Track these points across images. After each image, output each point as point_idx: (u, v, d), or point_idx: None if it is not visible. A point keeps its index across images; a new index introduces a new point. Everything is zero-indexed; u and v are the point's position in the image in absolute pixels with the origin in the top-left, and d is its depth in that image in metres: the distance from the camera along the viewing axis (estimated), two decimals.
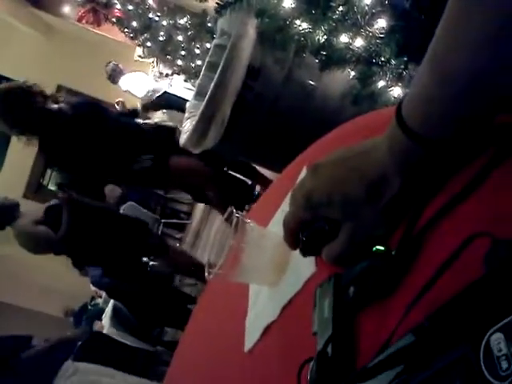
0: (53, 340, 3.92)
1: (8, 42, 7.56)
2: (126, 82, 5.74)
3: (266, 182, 2.89)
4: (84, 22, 6.88)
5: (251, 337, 0.67)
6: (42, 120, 2.71)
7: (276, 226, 0.72)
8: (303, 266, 0.60)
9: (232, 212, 0.66)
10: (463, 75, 0.37)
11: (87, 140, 2.71)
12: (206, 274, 0.67)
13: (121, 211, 4.41)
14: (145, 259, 4.79)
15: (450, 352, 0.30)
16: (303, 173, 0.72)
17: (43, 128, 2.74)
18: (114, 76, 5.65)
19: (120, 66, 5.77)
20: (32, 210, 3.03)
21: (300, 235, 0.54)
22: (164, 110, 5.31)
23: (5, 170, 7.86)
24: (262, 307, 0.68)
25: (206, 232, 5.01)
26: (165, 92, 5.30)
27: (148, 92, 5.27)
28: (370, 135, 0.51)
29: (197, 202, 4.00)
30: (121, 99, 5.76)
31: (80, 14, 6.81)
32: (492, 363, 0.27)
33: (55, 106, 2.78)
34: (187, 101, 2.55)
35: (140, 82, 5.65)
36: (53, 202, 3.01)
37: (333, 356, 0.45)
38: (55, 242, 2.80)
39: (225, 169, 2.97)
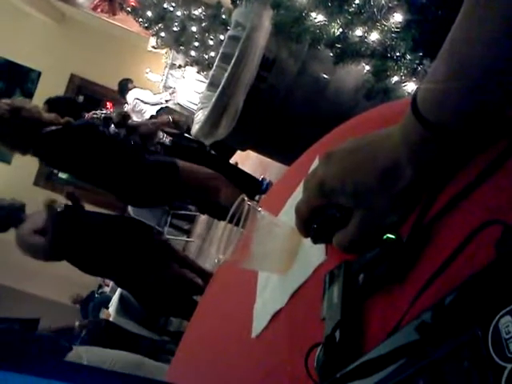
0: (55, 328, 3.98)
1: (22, 29, 7.60)
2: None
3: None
4: (99, 10, 6.89)
5: (259, 323, 0.67)
6: (37, 141, 2.70)
7: (287, 215, 0.72)
8: (313, 254, 0.60)
9: (243, 200, 0.67)
10: (477, 68, 0.38)
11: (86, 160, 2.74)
12: (216, 260, 0.68)
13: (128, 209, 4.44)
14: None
15: (459, 335, 0.31)
16: (315, 162, 0.72)
17: (40, 150, 2.75)
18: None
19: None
20: (36, 212, 3.04)
21: (311, 223, 0.55)
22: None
23: (16, 158, 7.89)
24: (271, 294, 0.69)
25: (216, 223, 5.03)
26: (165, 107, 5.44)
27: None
28: (383, 126, 0.51)
29: (202, 213, 3.99)
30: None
31: (96, 2, 6.82)
32: (500, 345, 0.27)
33: (51, 125, 2.75)
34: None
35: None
36: (59, 208, 3.03)
37: (340, 341, 0.45)
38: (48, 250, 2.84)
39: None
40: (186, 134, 4.02)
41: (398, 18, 1.33)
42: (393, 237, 0.46)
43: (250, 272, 0.77)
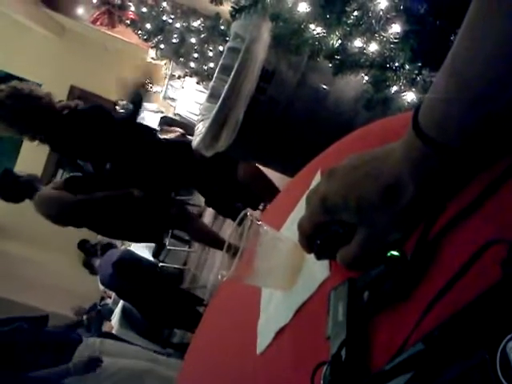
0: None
1: (22, 42, 7.65)
2: None
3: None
4: (99, 23, 6.94)
5: (263, 340, 0.67)
6: (49, 126, 2.73)
7: (289, 230, 0.72)
8: (317, 270, 0.60)
9: (246, 215, 0.67)
10: (479, 83, 0.38)
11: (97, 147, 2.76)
12: (219, 276, 0.67)
13: None
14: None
15: (466, 359, 0.30)
16: (317, 177, 0.72)
17: (52, 134, 2.77)
18: None
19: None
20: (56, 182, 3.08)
21: (315, 239, 0.55)
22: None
23: (17, 169, 7.94)
24: (275, 310, 0.68)
25: (218, 227, 5.02)
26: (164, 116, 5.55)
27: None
28: (385, 140, 0.51)
29: (208, 206, 4.03)
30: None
31: (95, 16, 6.87)
32: (508, 369, 0.27)
33: (62, 110, 2.79)
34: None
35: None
36: (72, 174, 3.04)
37: (346, 360, 0.45)
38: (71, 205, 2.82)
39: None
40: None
41: (396, 28, 1.33)
42: (397, 254, 0.46)
43: (253, 286, 0.77)
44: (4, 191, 3.01)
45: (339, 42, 1.41)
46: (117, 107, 5.70)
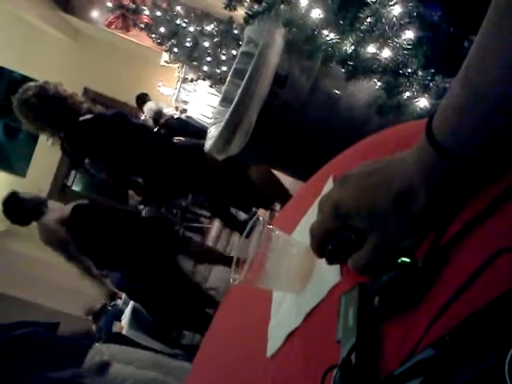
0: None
1: (37, 45, 7.75)
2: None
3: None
4: (113, 27, 7.01)
5: (274, 343, 0.68)
6: (69, 127, 2.78)
7: (301, 235, 0.73)
8: (328, 275, 0.60)
9: (258, 220, 0.68)
10: (492, 95, 0.38)
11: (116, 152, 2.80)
12: (231, 280, 0.68)
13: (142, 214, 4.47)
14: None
15: (475, 364, 0.31)
16: (329, 183, 0.73)
17: (70, 135, 2.82)
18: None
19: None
20: (58, 208, 3.12)
21: (326, 244, 0.56)
22: None
23: (31, 170, 8.05)
24: (285, 314, 0.69)
25: (225, 237, 5.04)
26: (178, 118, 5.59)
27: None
28: (397, 148, 0.51)
29: (214, 216, 4.06)
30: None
31: (110, 19, 6.94)
32: None
33: (85, 114, 2.85)
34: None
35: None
36: (81, 201, 3.07)
37: (356, 364, 0.46)
38: (71, 244, 2.87)
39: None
40: None
41: (409, 35, 1.33)
42: (408, 260, 0.47)
43: (264, 290, 0.77)
44: (11, 214, 3.09)
45: (352, 47, 1.42)
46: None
